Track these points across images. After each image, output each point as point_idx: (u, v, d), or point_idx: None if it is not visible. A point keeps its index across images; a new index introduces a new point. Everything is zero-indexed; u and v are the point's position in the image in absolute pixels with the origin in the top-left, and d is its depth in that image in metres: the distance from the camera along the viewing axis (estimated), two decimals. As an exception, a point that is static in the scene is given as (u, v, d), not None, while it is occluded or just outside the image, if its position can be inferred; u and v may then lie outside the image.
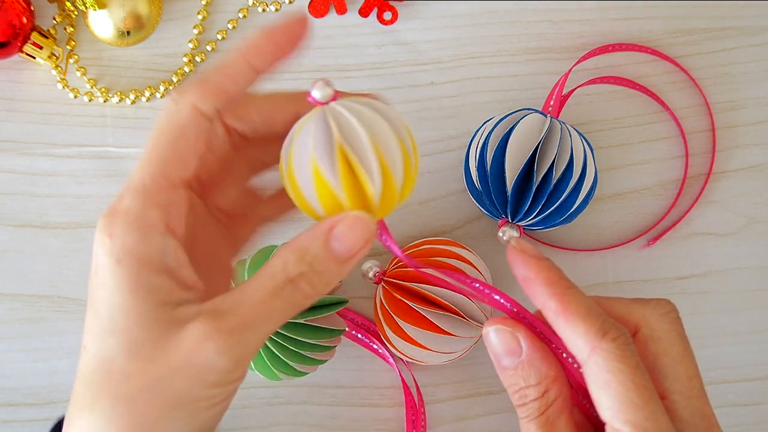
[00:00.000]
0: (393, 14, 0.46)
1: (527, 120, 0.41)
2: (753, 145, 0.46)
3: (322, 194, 0.31)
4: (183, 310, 0.29)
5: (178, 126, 0.29)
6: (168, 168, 0.29)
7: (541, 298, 0.33)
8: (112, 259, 0.28)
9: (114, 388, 0.29)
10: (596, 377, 0.31)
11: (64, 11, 0.46)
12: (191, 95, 0.29)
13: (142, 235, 0.29)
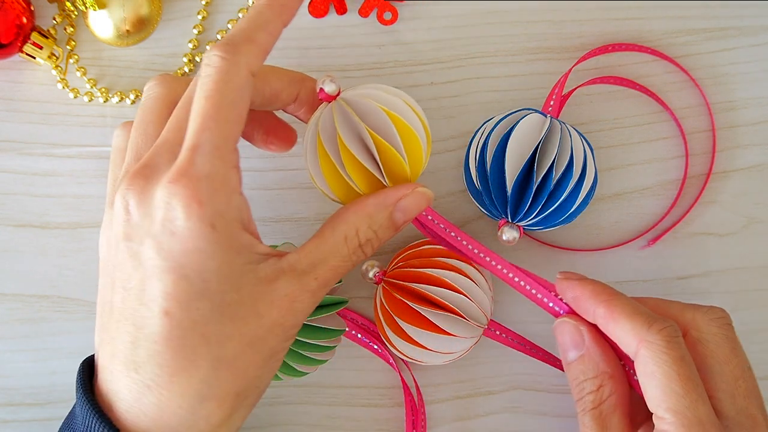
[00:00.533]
0: (393, 14, 0.46)
1: (527, 120, 0.41)
2: (753, 145, 0.46)
3: (358, 177, 0.36)
4: (264, 268, 0.31)
5: (238, 88, 0.30)
6: (234, 129, 0.30)
7: (590, 310, 0.35)
8: (206, 225, 0.29)
9: (213, 351, 0.29)
10: (644, 369, 0.33)
11: (64, 11, 0.46)
12: (245, 56, 0.30)
13: (227, 197, 0.29)
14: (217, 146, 0.29)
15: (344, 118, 0.37)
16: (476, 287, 0.41)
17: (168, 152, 0.31)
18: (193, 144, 0.29)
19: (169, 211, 0.29)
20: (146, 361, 0.29)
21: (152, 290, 0.29)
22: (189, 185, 0.29)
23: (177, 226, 0.29)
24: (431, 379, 0.45)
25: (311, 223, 0.45)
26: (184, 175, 0.29)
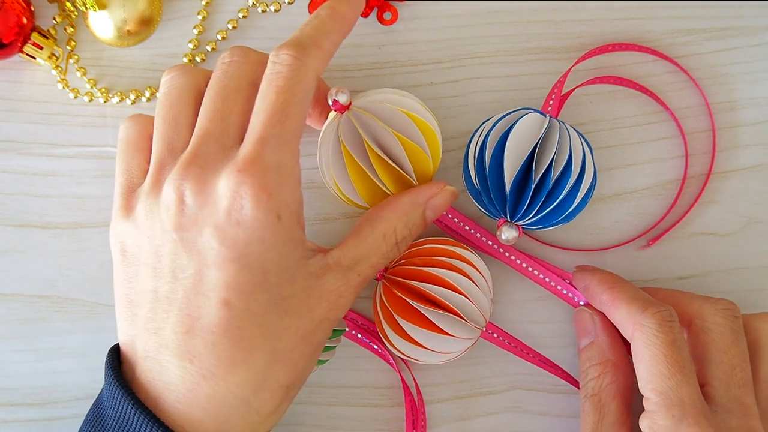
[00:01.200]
0: (393, 14, 0.46)
1: (526, 119, 0.41)
2: (753, 145, 0.46)
3: (387, 179, 0.39)
4: (313, 263, 0.32)
5: (305, 88, 0.31)
6: (300, 126, 0.31)
7: (596, 297, 0.38)
8: (273, 216, 0.29)
9: (270, 343, 0.30)
10: (636, 351, 0.34)
11: (64, 11, 0.46)
12: (313, 60, 0.32)
13: (293, 190, 0.30)
14: (287, 140, 0.30)
15: (363, 124, 0.40)
16: (476, 289, 0.41)
17: (216, 142, 0.31)
18: (261, 136, 0.30)
19: (236, 200, 0.29)
20: (203, 351, 0.29)
21: (211, 279, 0.29)
22: (258, 174, 0.29)
23: (244, 215, 0.29)
24: (431, 379, 0.45)
25: (311, 223, 0.45)
26: (253, 164, 0.29)
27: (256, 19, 0.46)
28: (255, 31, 0.46)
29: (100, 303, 0.45)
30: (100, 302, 0.45)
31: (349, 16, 0.34)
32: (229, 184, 0.29)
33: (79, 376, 0.44)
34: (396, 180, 0.41)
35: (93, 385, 0.44)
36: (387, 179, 0.40)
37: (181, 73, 0.35)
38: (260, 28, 0.46)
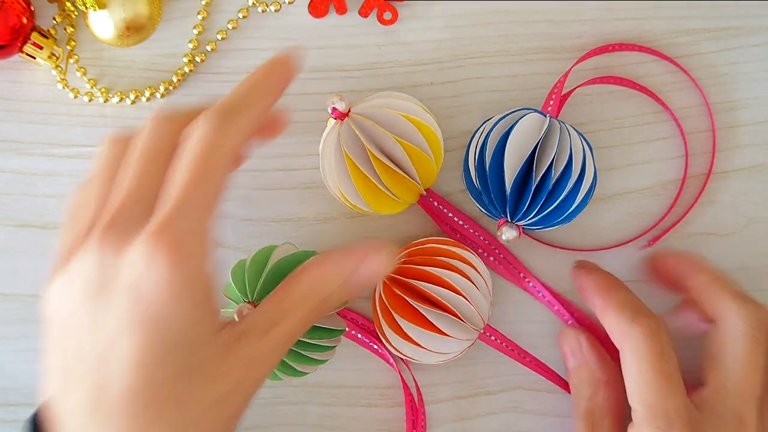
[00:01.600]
0: (393, 14, 0.46)
1: (526, 120, 0.41)
2: (753, 145, 0.46)
3: (392, 184, 0.40)
4: (225, 333, 0.31)
5: (228, 156, 0.31)
6: (218, 193, 0.30)
7: (589, 300, 0.37)
8: (184, 283, 0.29)
9: (179, 410, 0.29)
10: (624, 362, 0.33)
11: (64, 11, 0.46)
12: (236, 128, 0.31)
13: (205, 259, 0.29)
14: (202, 208, 0.30)
15: (364, 130, 0.40)
16: (476, 290, 0.41)
17: (140, 205, 0.31)
18: (175, 202, 0.29)
19: (148, 265, 0.29)
20: (112, 419, 0.29)
21: (120, 347, 0.29)
22: (169, 242, 0.29)
23: (155, 282, 0.29)
24: (431, 379, 0.45)
25: (311, 223, 0.45)
26: (164, 231, 0.29)
27: (256, 19, 0.46)
28: (255, 31, 0.46)
29: (100, 303, 0.45)
30: (100, 302, 0.45)
31: (284, 78, 0.34)
32: (139, 251, 0.29)
33: (79, 376, 0.44)
34: (400, 184, 0.41)
35: (93, 385, 0.44)
36: (391, 184, 0.40)
37: (114, 140, 0.35)
38: (260, 28, 0.46)
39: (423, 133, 0.41)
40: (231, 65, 0.46)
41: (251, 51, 0.46)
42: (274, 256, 0.39)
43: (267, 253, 0.40)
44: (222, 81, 0.46)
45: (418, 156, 0.40)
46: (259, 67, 0.34)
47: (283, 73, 0.34)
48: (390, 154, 0.41)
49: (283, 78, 0.34)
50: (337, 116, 0.40)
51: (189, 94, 0.46)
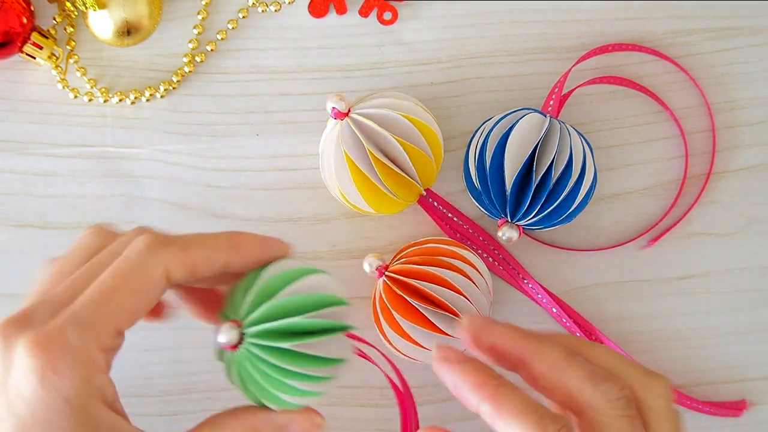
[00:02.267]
0: (393, 14, 0.46)
1: (526, 119, 0.41)
2: (753, 145, 0.46)
3: (391, 184, 0.39)
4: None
5: (146, 286, 0.29)
6: (123, 320, 0.29)
7: (474, 404, 0.31)
8: (59, 398, 0.27)
9: None
10: None
11: (64, 11, 0.46)
12: (172, 259, 0.29)
13: (88, 375, 0.28)
14: (98, 325, 0.28)
15: (364, 131, 0.40)
16: (476, 289, 0.41)
17: (51, 308, 0.29)
18: (74, 312, 0.28)
19: (25, 372, 0.27)
20: None
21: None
22: (51, 351, 0.27)
23: (29, 392, 0.27)
24: (431, 379, 0.45)
25: (311, 223, 0.45)
26: (51, 339, 0.27)
27: (256, 19, 0.46)
28: (255, 31, 0.46)
29: (100, 303, 0.45)
30: (100, 302, 0.45)
31: (245, 247, 0.31)
32: (22, 353, 0.28)
33: (79, 376, 0.44)
34: (400, 184, 0.41)
35: (93, 385, 0.44)
36: (391, 184, 0.40)
37: (93, 232, 0.33)
38: (260, 28, 0.46)
39: (423, 133, 0.41)
40: (231, 65, 0.46)
41: (251, 51, 0.46)
42: (267, 272, 0.33)
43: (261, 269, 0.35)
44: (222, 81, 0.46)
45: (418, 156, 0.40)
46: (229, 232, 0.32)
47: (258, 249, 0.32)
48: (390, 154, 0.41)
49: (254, 251, 0.31)
50: (337, 116, 0.40)
51: (189, 94, 0.46)
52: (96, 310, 0.28)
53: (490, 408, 0.30)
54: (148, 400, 0.44)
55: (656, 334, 0.45)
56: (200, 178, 0.45)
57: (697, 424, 0.45)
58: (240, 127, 0.46)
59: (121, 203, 0.45)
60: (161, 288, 0.29)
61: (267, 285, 0.31)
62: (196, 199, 0.45)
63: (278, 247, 0.32)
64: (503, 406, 0.30)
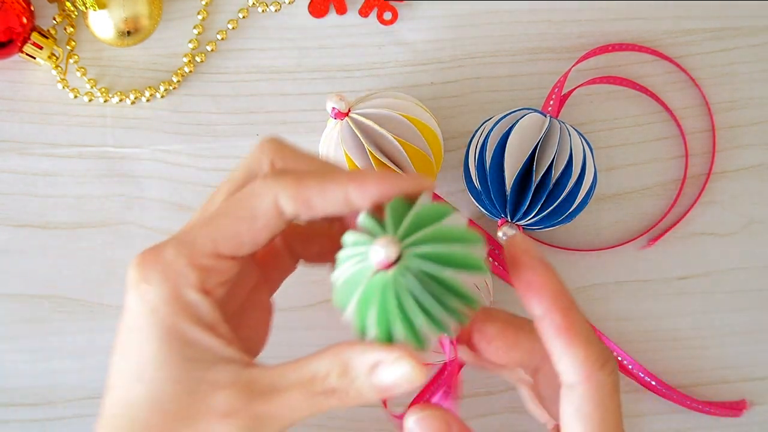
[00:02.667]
0: (393, 14, 0.46)
1: (526, 119, 0.41)
2: (753, 145, 0.46)
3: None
4: (217, 371, 0.28)
5: (253, 213, 0.28)
6: (225, 245, 0.28)
7: (542, 308, 0.29)
8: (147, 306, 0.28)
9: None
10: (579, 406, 0.28)
11: (64, 11, 0.46)
12: (282, 191, 0.28)
13: (177, 289, 0.28)
14: (193, 243, 0.28)
15: (363, 130, 0.40)
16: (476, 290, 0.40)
17: (177, 232, 0.30)
18: (180, 233, 0.29)
19: (126, 285, 0.28)
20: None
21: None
22: (146, 263, 0.28)
23: (126, 302, 0.28)
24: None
25: (311, 223, 0.45)
26: (150, 254, 0.28)
27: (256, 19, 0.46)
28: (255, 31, 0.46)
29: (100, 303, 0.45)
30: (100, 302, 0.45)
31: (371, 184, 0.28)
32: (129, 269, 0.29)
33: (79, 376, 0.44)
34: None
35: (93, 385, 0.44)
36: None
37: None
38: (260, 28, 0.46)
39: (423, 133, 0.41)
40: (231, 65, 0.46)
41: (251, 51, 0.46)
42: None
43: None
44: (222, 81, 0.46)
45: (418, 156, 0.40)
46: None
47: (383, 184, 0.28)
48: (390, 153, 0.41)
49: (378, 186, 0.28)
50: (337, 116, 0.40)
51: (189, 94, 0.46)
52: (197, 231, 0.28)
53: (561, 321, 0.29)
54: (148, 400, 0.44)
55: (656, 334, 0.45)
56: (200, 178, 0.45)
57: (697, 424, 0.45)
58: (240, 127, 0.46)
59: (121, 203, 0.45)
60: (270, 218, 0.28)
61: (418, 215, 0.28)
62: (196, 199, 0.45)
63: (410, 183, 0.29)
64: (574, 326, 0.29)
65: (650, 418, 0.45)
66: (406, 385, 0.28)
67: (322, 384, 0.28)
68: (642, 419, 0.45)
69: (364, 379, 0.28)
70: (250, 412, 0.28)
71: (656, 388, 0.44)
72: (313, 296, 0.44)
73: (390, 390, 0.28)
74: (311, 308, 0.45)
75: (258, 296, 0.34)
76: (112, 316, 0.44)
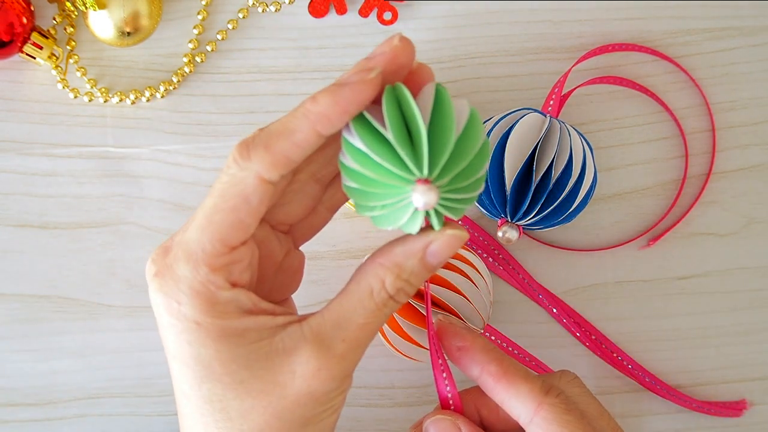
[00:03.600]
0: (393, 14, 0.46)
1: (526, 119, 0.41)
2: (753, 145, 0.46)
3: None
4: (282, 339, 0.29)
5: (242, 194, 0.28)
6: (229, 235, 0.29)
7: (478, 365, 0.33)
8: (190, 323, 0.28)
9: (236, 425, 0.29)
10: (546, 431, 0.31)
11: (64, 11, 0.46)
12: (257, 164, 0.28)
13: (210, 297, 0.29)
14: (203, 249, 0.28)
15: None
16: (476, 290, 0.41)
17: (172, 242, 0.30)
18: (181, 242, 0.29)
19: (156, 306, 0.29)
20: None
21: (172, 373, 0.31)
22: (168, 286, 0.29)
23: (163, 323, 0.29)
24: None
25: (311, 223, 0.45)
26: (165, 275, 0.29)
27: (256, 19, 0.46)
28: (255, 31, 0.46)
29: (100, 303, 0.45)
30: (100, 302, 0.45)
31: (330, 112, 0.28)
32: (151, 291, 0.30)
33: (79, 376, 0.44)
34: None
35: (93, 385, 0.44)
36: None
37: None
38: (260, 28, 0.46)
39: None
40: (231, 65, 0.46)
41: (251, 51, 0.46)
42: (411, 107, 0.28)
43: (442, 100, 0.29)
44: (222, 81, 0.46)
45: None
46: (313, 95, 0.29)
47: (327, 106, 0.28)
48: None
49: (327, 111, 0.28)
50: None
51: (189, 94, 0.46)
52: (199, 235, 0.29)
53: (497, 369, 0.32)
54: (148, 400, 0.44)
55: (656, 334, 0.45)
56: (200, 178, 0.45)
57: (697, 424, 0.45)
58: (240, 127, 0.46)
59: (121, 203, 0.45)
60: (262, 192, 0.29)
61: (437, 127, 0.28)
62: (196, 199, 0.45)
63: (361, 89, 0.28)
64: (510, 369, 0.32)
65: (650, 418, 0.45)
66: (455, 251, 0.30)
67: (384, 295, 0.29)
68: (642, 419, 0.45)
69: (419, 268, 0.30)
70: (334, 357, 0.29)
71: (656, 388, 0.44)
72: (314, 296, 0.44)
73: (443, 262, 0.30)
74: (311, 308, 0.44)
75: (290, 255, 0.34)
76: (112, 316, 0.45)
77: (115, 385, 0.44)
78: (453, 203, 0.28)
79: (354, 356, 0.30)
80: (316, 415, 0.30)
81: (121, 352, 0.45)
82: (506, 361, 0.33)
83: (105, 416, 0.44)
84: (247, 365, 0.29)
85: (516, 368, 0.32)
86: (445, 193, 0.28)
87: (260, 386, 0.29)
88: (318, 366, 0.29)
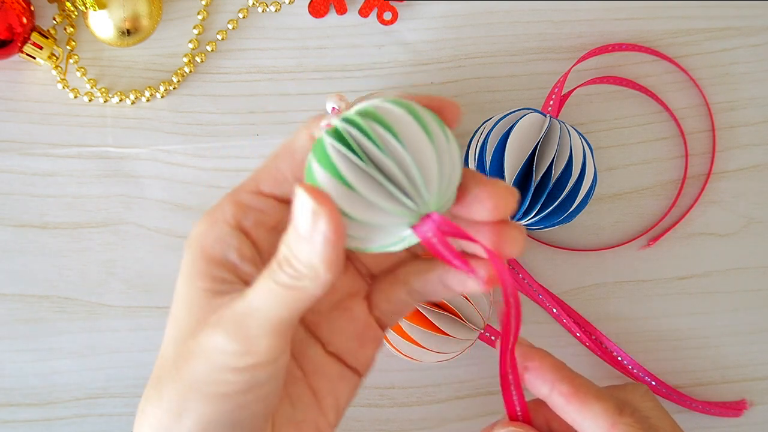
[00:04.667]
0: (393, 14, 0.46)
1: (526, 119, 0.41)
2: (753, 145, 0.46)
3: None
4: (222, 302, 0.29)
5: (291, 148, 0.29)
6: (265, 182, 0.30)
7: (548, 384, 0.32)
8: (185, 247, 0.29)
9: (176, 375, 0.29)
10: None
11: (64, 11, 0.46)
12: (314, 124, 0.29)
13: (210, 225, 0.29)
14: (242, 186, 0.30)
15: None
16: None
17: None
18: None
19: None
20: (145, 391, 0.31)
21: None
22: (208, 213, 0.30)
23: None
24: (431, 380, 0.45)
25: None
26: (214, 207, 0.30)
27: (256, 19, 0.46)
28: (255, 31, 0.46)
29: (100, 303, 0.45)
30: (100, 302, 0.45)
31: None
32: None
33: (79, 376, 0.44)
34: None
35: (93, 385, 0.44)
36: None
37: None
38: (260, 28, 0.46)
39: None
40: (231, 65, 0.46)
41: (251, 51, 0.46)
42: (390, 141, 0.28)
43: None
44: (222, 81, 0.46)
45: None
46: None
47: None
48: None
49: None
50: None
51: (189, 94, 0.46)
52: (250, 176, 0.30)
53: (568, 388, 0.32)
54: (148, 400, 0.44)
55: (656, 334, 0.45)
56: (200, 178, 0.45)
57: (697, 424, 0.45)
58: (240, 127, 0.46)
59: (121, 203, 0.45)
60: (307, 151, 0.29)
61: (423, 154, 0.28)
62: (196, 199, 0.45)
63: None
64: (582, 388, 0.32)
65: (650, 418, 0.45)
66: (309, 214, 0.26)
67: (274, 262, 0.28)
68: (642, 419, 0.45)
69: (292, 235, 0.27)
70: (229, 316, 0.28)
71: (656, 388, 0.44)
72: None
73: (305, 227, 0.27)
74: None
75: (352, 306, 0.32)
76: (112, 316, 0.45)
77: (114, 385, 0.44)
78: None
79: (247, 321, 0.28)
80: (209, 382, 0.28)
81: (120, 352, 0.45)
82: (577, 379, 0.32)
83: (105, 416, 0.44)
84: (193, 314, 0.29)
85: (587, 387, 0.32)
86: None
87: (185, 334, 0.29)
88: (214, 323, 0.28)
